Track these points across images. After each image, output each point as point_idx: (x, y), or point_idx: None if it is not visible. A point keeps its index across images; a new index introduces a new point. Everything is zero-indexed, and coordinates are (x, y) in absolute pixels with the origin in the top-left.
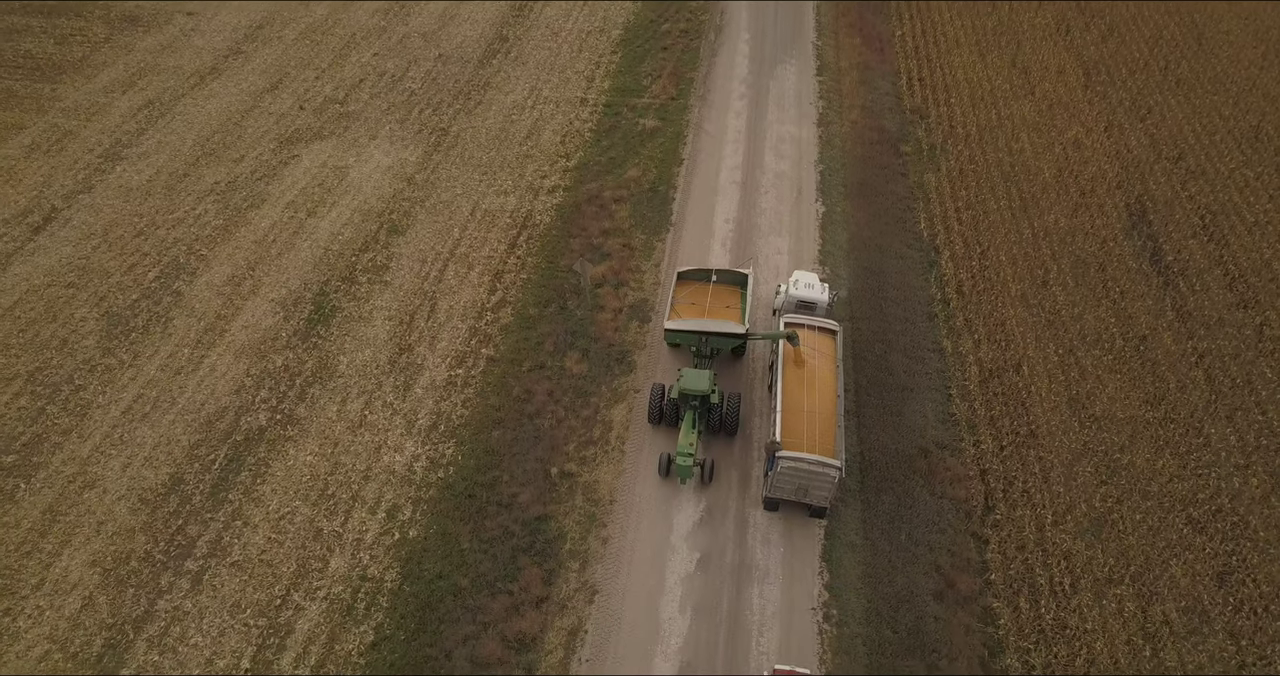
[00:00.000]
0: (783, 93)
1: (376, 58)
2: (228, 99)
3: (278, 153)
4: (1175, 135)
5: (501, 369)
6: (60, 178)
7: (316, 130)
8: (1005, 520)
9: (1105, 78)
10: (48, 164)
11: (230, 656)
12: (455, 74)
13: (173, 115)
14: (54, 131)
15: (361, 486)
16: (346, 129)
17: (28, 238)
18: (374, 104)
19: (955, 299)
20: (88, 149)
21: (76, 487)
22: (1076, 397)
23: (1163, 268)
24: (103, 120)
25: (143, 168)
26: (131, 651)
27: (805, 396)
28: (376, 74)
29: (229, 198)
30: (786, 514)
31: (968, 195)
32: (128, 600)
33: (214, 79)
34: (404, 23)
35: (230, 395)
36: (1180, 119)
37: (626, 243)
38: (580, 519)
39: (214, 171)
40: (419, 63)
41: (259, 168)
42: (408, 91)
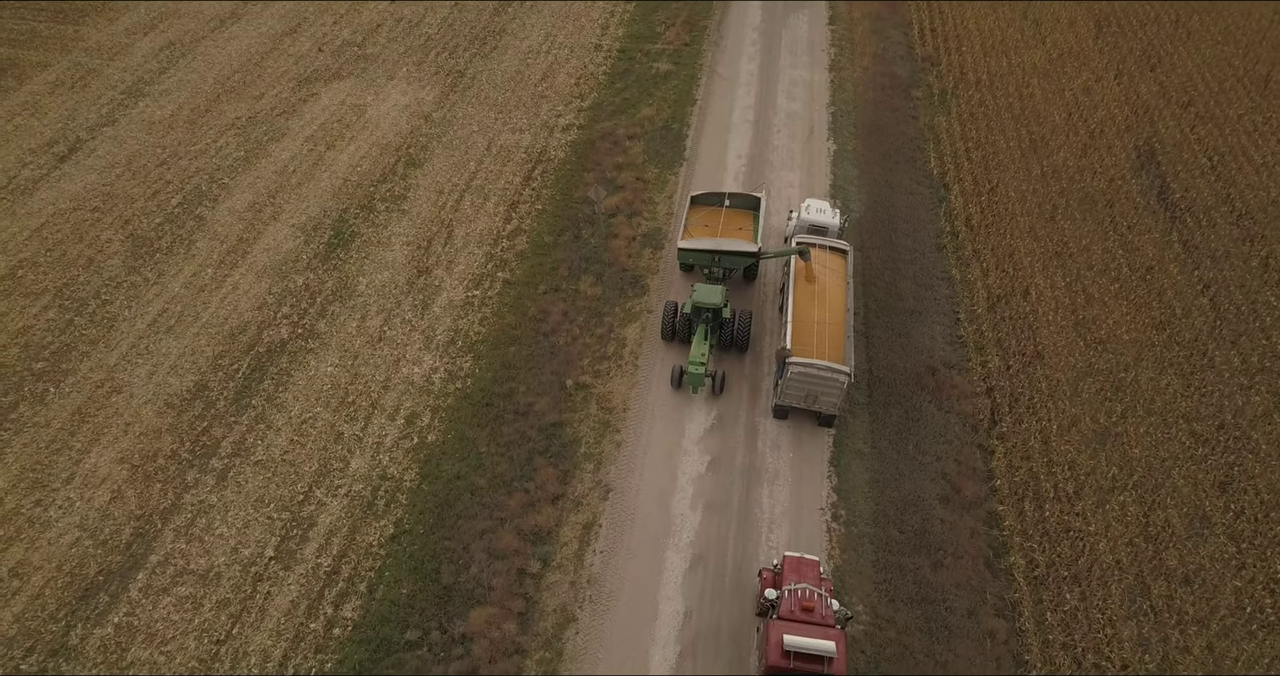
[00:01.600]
0: (795, 40)
1: (393, 5)
2: (247, 41)
3: (296, 91)
4: (1185, 83)
5: (517, 291)
6: (84, 112)
7: (335, 71)
8: (1011, 432)
9: (1116, 29)
10: (72, 99)
11: (255, 545)
12: (471, 21)
13: (193, 56)
14: (77, 69)
15: (381, 395)
16: (364, 70)
17: (53, 166)
18: (391, 47)
19: (964, 231)
20: (110, 85)
21: (104, 392)
22: (1083, 321)
23: (1170, 204)
24: (125, 59)
25: (164, 103)
26: (160, 539)
27: (816, 309)
28: (394, 19)
29: (249, 131)
30: (795, 422)
31: (978, 135)
32: (155, 493)
33: (234, 23)
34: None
35: (253, 311)
36: (1190, 68)
37: (640, 176)
38: (595, 425)
39: (234, 108)
40: (435, 10)
41: (278, 104)
42: (424, 36)
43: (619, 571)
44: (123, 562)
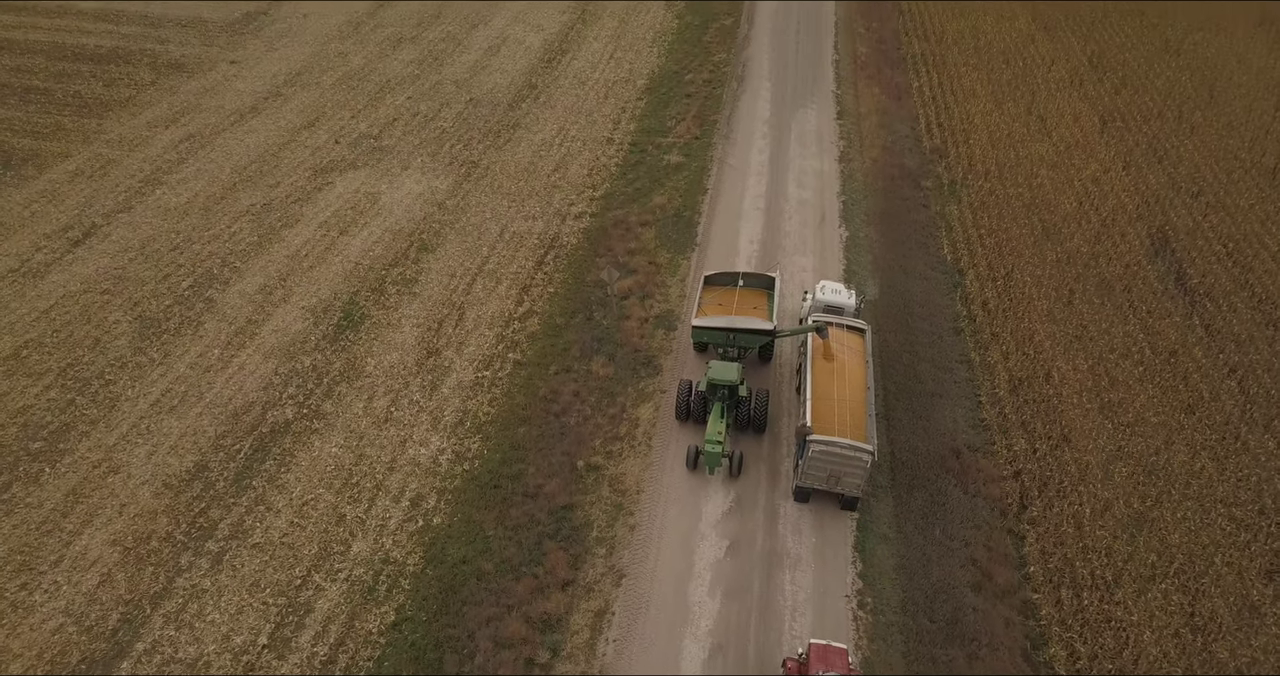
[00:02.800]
0: (804, 132)
1: (410, 101)
2: (265, 134)
3: (312, 180)
4: (1193, 174)
5: (528, 371)
6: (101, 199)
7: (350, 161)
8: (1042, 517)
9: (1120, 124)
10: (90, 187)
11: (248, 633)
12: (486, 115)
13: (212, 147)
14: (98, 159)
15: (386, 476)
16: (380, 160)
17: (66, 250)
18: (407, 140)
19: (981, 315)
20: (129, 174)
21: (101, 472)
22: (1108, 404)
23: (1188, 289)
24: (145, 150)
25: (181, 191)
26: (148, 626)
27: (835, 386)
28: (410, 114)
29: (264, 218)
30: (817, 505)
31: (990, 223)
32: (146, 577)
33: (253, 117)
34: (437, 71)
35: (258, 391)
36: (1197, 160)
37: (652, 260)
38: (607, 508)
39: (250, 195)
40: (451, 105)
41: (294, 192)
42: (439, 130)
43: (633, 662)
44: (107, 650)
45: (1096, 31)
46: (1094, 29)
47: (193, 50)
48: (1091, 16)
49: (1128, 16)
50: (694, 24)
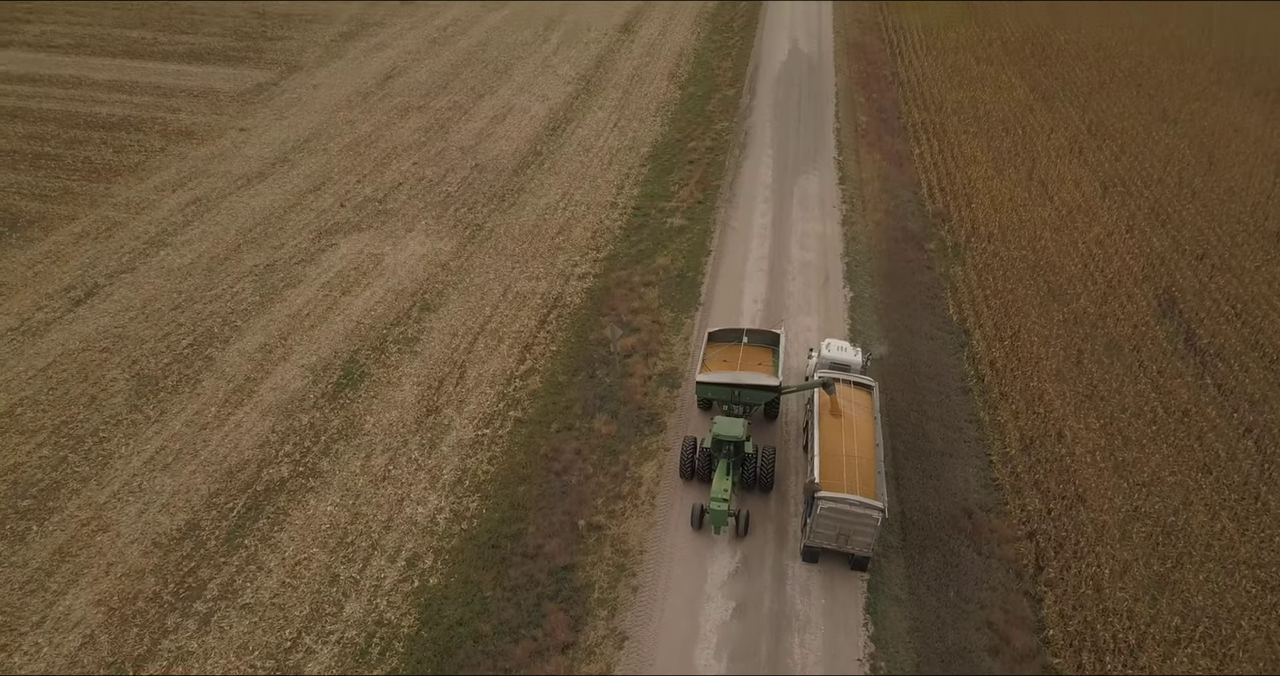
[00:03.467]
0: (806, 197)
1: (416, 166)
2: (271, 197)
3: (316, 241)
4: (1197, 236)
5: (529, 429)
6: (105, 259)
7: (355, 223)
8: (1059, 579)
9: (1122, 189)
10: (95, 248)
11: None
12: (491, 180)
13: (218, 210)
14: (104, 222)
15: (382, 535)
16: (384, 223)
17: (67, 309)
18: (412, 203)
19: (989, 374)
20: (134, 236)
21: (89, 531)
22: (1122, 464)
23: (1198, 349)
24: (151, 213)
25: (185, 252)
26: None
27: (843, 442)
28: (415, 179)
29: (266, 278)
30: (826, 566)
31: (995, 284)
32: (130, 639)
33: (260, 181)
34: (443, 139)
35: (254, 449)
36: (1200, 223)
37: (655, 319)
38: (609, 569)
39: (254, 256)
40: (456, 171)
41: (297, 254)
42: (444, 193)
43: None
44: None
45: (1093, 101)
46: (1091, 99)
47: (203, 118)
48: (1088, 87)
49: (1124, 87)
50: (697, 95)
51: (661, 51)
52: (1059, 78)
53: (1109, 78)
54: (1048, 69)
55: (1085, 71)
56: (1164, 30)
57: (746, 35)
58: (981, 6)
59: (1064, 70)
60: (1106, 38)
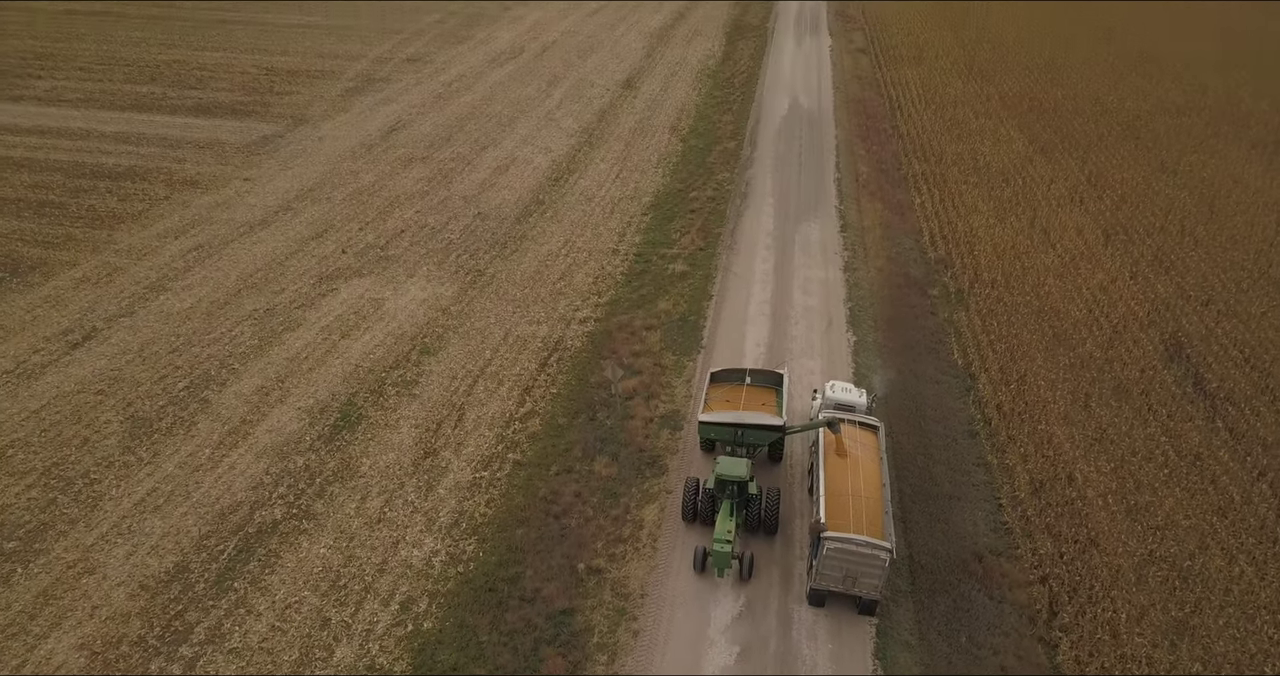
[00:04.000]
0: (808, 243)
1: (418, 214)
2: (273, 244)
3: (317, 286)
4: (1201, 283)
5: (528, 472)
6: (105, 304)
7: (356, 269)
8: (1074, 624)
9: (1124, 237)
10: (94, 293)
11: None
12: (493, 228)
13: (220, 256)
14: (105, 267)
15: (376, 578)
16: (385, 269)
17: (64, 352)
18: (414, 250)
19: (996, 418)
20: (134, 281)
21: (75, 573)
22: (1135, 508)
23: (1207, 393)
24: (152, 259)
25: (185, 297)
26: None
27: (849, 482)
28: (417, 226)
29: (266, 322)
30: (833, 610)
31: (999, 329)
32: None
33: (262, 229)
34: (446, 188)
35: (247, 491)
36: (1204, 270)
37: (657, 362)
38: (609, 613)
39: (254, 300)
40: (459, 219)
41: (297, 298)
42: (446, 241)
43: None
44: None
45: (1092, 154)
46: (1090, 151)
47: (208, 168)
48: (1086, 140)
49: (1121, 140)
50: (698, 147)
51: (663, 106)
52: (1057, 131)
53: (1106, 131)
54: (1045, 123)
55: (1083, 125)
56: (1159, 88)
57: (747, 91)
58: (979, 65)
59: (1061, 124)
60: (1102, 94)
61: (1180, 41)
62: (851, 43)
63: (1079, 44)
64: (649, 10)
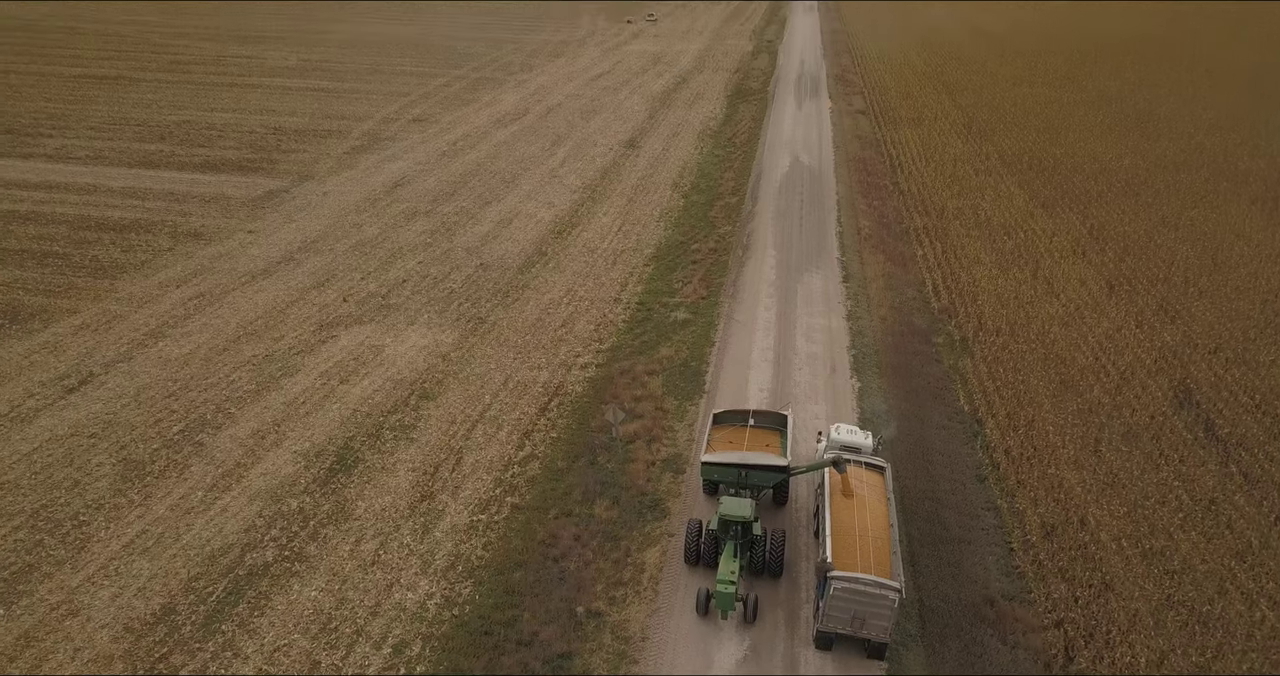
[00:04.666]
0: (810, 293)
1: (421, 265)
2: (274, 293)
3: (317, 333)
4: (1208, 332)
5: (526, 515)
6: (103, 350)
7: (357, 317)
8: (1091, 669)
9: (1128, 288)
10: (93, 339)
11: None
12: (495, 278)
13: (221, 304)
14: (105, 315)
15: (368, 621)
16: (386, 316)
17: (59, 396)
18: (415, 299)
19: (1005, 462)
20: (133, 328)
21: (58, 615)
22: (1150, 552)
23: (1219, 439)
24: (153, 307)
25: (184, 343)
26: None
27: (856, 521)
28: (419, 276)
29: (264, 367)
30: (841, 654)
31: (1005, 376)
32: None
33: (264, 278)
34: (449, 240)
35: (239, 533)
36: (1211, 320)
37: (659, 406)
38: (609, 656)
39: (253, 347)
40: (461, 269)
41: (297, 345)
42: (448, 290)
43: None
44: None
45: (1093, 208)
46: (1090, 206)
47: (213, 221)
48: (1086, 196)
49: (1121, 196)
50: (699, 202)
51: (665, 164)
52: (1057, 187)
53: (1106, 188)
54: (1045, 179)
55: (1083, 182)
56: (1156, 147)
57: (748, 150)
58: (977, 125)
59: (1061, 181)
60: (1100, 153)
61: (1175, 104)
62: (851, 105)
63: (1075, 108)
64: (652, 75)
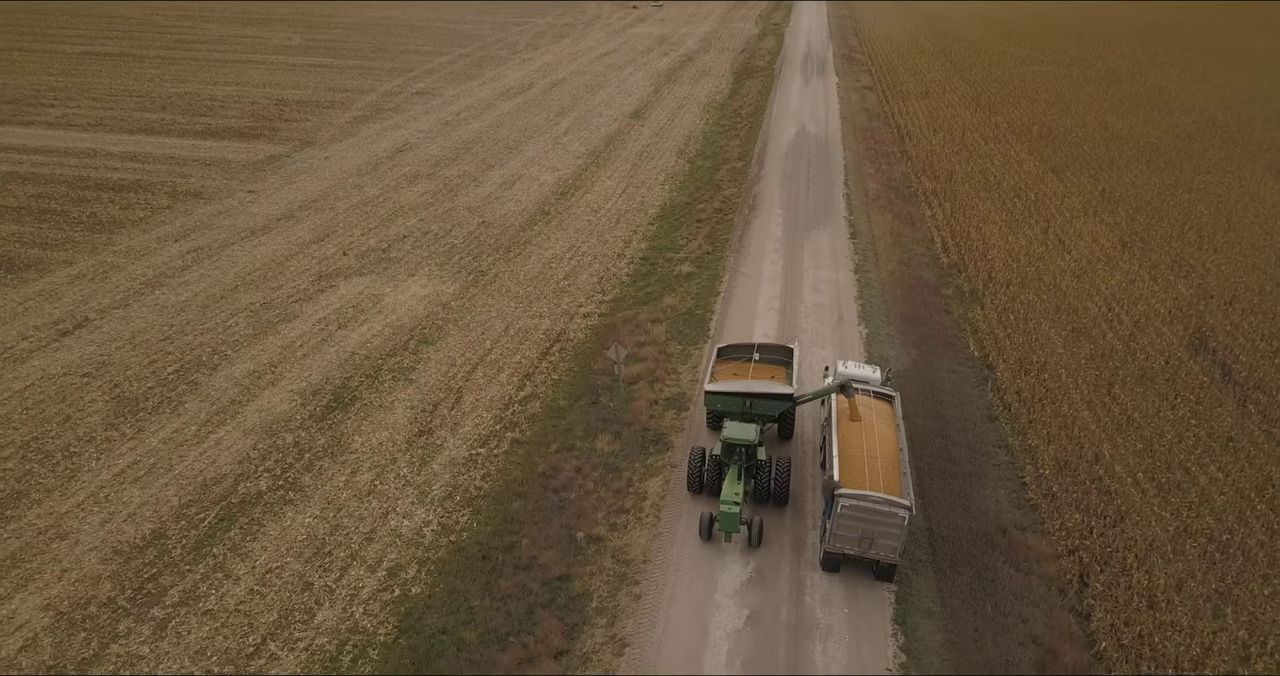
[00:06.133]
0: (818, 248)
1: (422, 222)
2: (274, 247)
3: (316, 283)
4: (1224, 284)
5: (526, 449)
6: (98, 298)
7: (357, 269)
8: (1107, 594)
9: (1141, 245)
10: (89, 288)
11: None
12: (497, 234)
13: (219, 257)
14: (101, 266)
15: (363, 547)
16: (386, 268)
17: (53, 339)
18: (416, 253)
19: (1016, 403)
20: (131, 278)
21: (46, 539)
22: (1166, 485)
23: (1237, 382)
24: (150, 259)
25: (181, 292)
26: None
27: (865, 445)
28: (420, 232)
29: (262, 314)
30: (849, 576)
31: (1016, 323)
32: (77, 643)
33: (264, 234)
34: (451, 200)
35: (233, 464)
36: (1226, 273)
37: (663, 351)
38: (609, 578)
39: (250, 295)
40: (462, 226)
41: (295, 294)
42: (449, 245)
43: None
44: None
45: (1104, 173)
46: (1102, 171)
47: (213, 182)
48: (1098, 162)
49: (1133, 162)
50: (705, 167)
51: (670, 133)
52: (1068, 154)
53: (1118, 154)
54: (1056, 147)
55: (1093, 149)
56: (1168, 119)
57: (754, 121)
58: (986, 99)
59: (1072, 148)
60: (1112, 123)
61: (1187, 83)
62: (858, 82)
63: (1085, 85)
64: (657, 55)
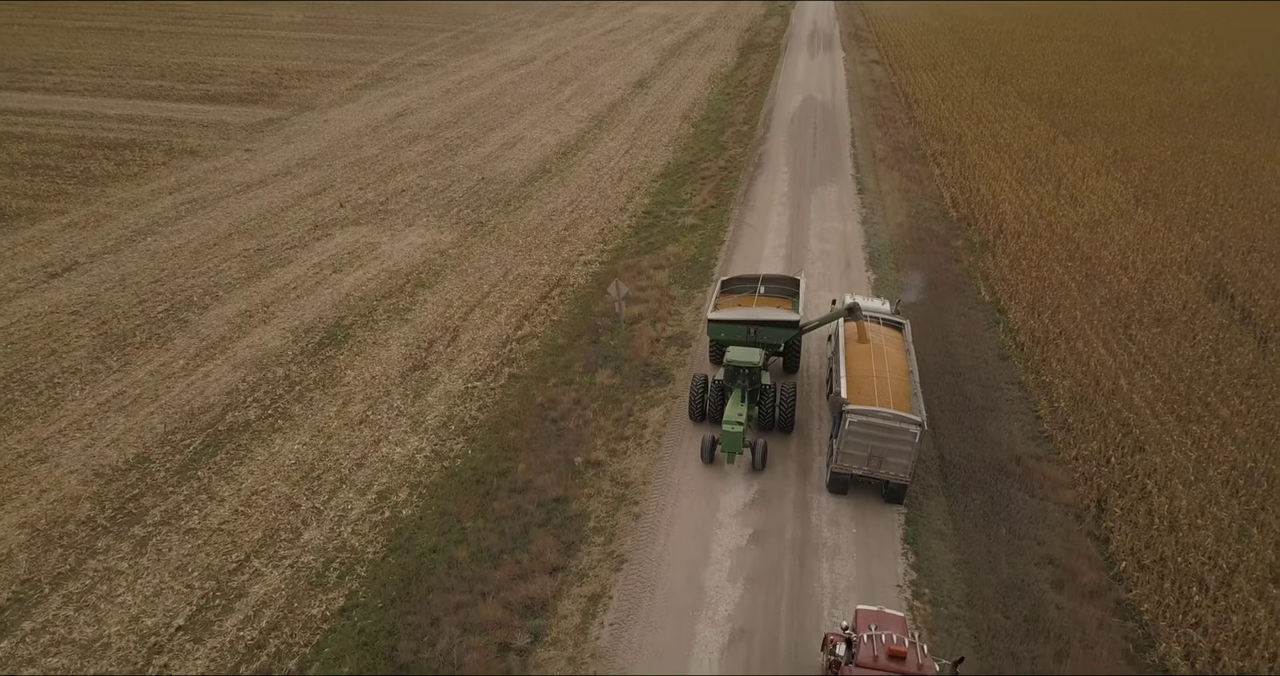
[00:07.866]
0: (824, 202)
1: (420, 178)
2: (270, 199)
3: (311, 232)
4: (1240, 235)
5: (524, 384)
6: (89, 244)
7: (354, 220)
8: (1125, 520)
9: (1155, 200)
10: (80, 235)
11: (162, 614)
12: (497, 190)
13: (214, 209)
14: (93, 215)
15: (353, 472)
16: (383, 220)
17: (42, 281)
18: (414, 206)
19: (1029, 343)
20: (123, 226)
21: (25, 462)
22: (1186, 418)
23: (1256, 324)
24: (143, 209)
25: (174, 239)
26: (44, 605)
27: (874, 366)
28: (419, 188)
29: (255, 259)
30: (856, 498)
31: (1029, 269)
32: (53, 559)
33: (260, 188)
34: (450, 159)
35: (220, 395)
36: (1242, 225)
37: (665, 293)
38: (607, 500)
39: (244, 243)
40: (462, 182)
41: (290, 241)
42: (448, 199)
43: (634, 645)
44: None
45: (1117, 136)
46: (1114, 134)
47: (209, 142)
48: (1110, 126)
49: (1146, 126)
50: (710, 130)
51: (675, 100)
52: (1079, 119)
53: (1130, 119)
54: (1067, 113)
55: (1105, 115)
56: (1180, 88)
57: (760, 89)
58: (995, 70)
59: (1084, 114)
60: (1124, 92)
61: (1197, 57)
62: (865, 56)
63: (1095, 59)
64: (662, 32)
